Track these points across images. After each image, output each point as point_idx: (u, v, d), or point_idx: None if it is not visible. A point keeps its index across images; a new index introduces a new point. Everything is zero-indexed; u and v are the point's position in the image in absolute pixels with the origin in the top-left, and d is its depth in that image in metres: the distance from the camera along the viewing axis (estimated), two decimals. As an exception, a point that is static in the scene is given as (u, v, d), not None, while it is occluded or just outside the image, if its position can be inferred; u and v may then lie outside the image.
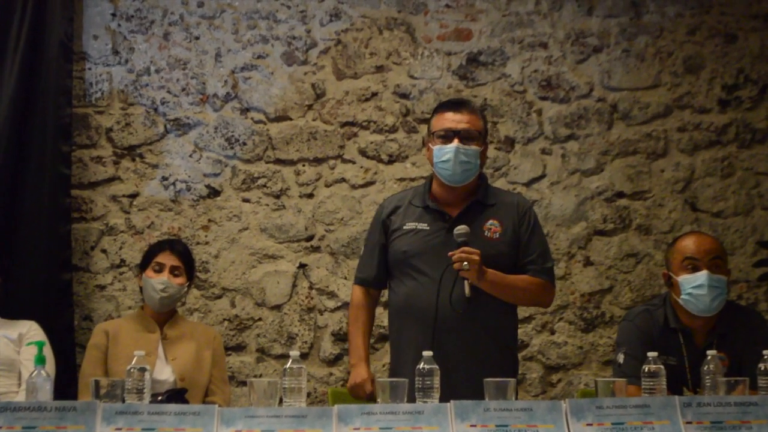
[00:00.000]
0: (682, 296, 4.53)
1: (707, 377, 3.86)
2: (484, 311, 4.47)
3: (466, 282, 4.35)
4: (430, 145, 4.64)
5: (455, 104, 4.72)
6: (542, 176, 6.22)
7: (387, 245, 4.70)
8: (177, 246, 5.23)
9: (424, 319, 4.47)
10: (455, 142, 4.54)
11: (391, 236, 4.68)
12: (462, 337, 4.45)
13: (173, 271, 5.07)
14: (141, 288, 5.18)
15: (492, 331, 4.54)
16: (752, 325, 4.66)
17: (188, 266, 5.17)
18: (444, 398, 3.64)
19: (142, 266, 5.13)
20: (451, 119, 4.60)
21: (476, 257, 4.33)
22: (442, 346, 4.35)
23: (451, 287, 4.42)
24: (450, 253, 4.36)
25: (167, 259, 5.07)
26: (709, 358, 3.89)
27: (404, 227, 4.64)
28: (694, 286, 4.50)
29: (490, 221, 4.59)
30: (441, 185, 4.64)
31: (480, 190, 4.68)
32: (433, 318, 4.44)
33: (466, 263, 4.30)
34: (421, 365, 3.65)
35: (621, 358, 4.62)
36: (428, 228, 4.60)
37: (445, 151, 4.54)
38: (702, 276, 4.50)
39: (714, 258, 4.56)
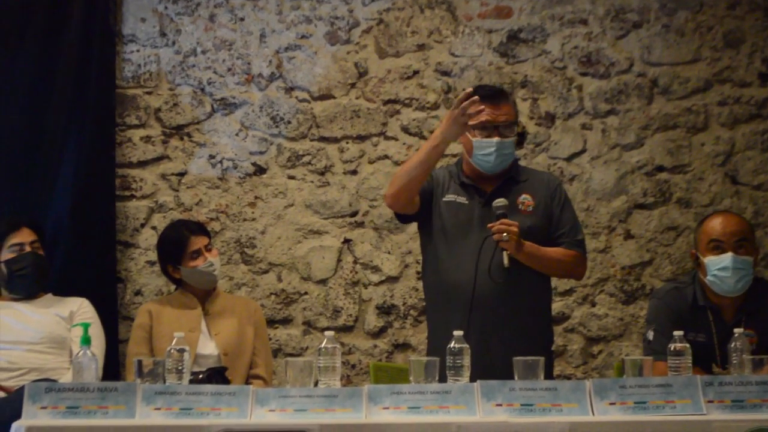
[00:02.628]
0: (708, 277, 4.61)
1: (734, 355, 3.94)
2: (522, 283, 4.56)
3: (505, 253, 4.45)
4: (468, 136, 4.66)
5: (492, 96, 4.71)
6: (583, 151, 6.28)
7: (430, 212, 4.75)
8: (198, 226, 5.39)
9: (463, 291, 4.55)
10: (496, 137, 4.62)
11: (432, 206, 4.74)
12: (499, 309, 4.54)
13: (206, 248, 5.22)
14: (177, 280, 5.28)
15: (529, 303, 4.64)
16: None
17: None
18: (481, 369, 3.76)
19: (174, 260, 5.22)
20: (490, 113, 4.62)
21: (515, 228, 4.43)
22: (481, 317, 4.49)
23: (490, 258, 4.51)
24: (489, 225, 4.47)
25: (198, 242, 5.19)
26: (736, 335, 3.96)
27: (444, 199, 4.73)
28: (719, 268, 4.57)
29: (523, 195, 4.70)
30: (474, 169, 4.74)
31: (512, 168, 4.78)
32: (471, 288, 4.53)
33: (505, 234, 4.41)
34: (452, 344, 3.76)
35: (651, 335, 4.70)
36: (467, 203, 4.70)
37: (486, 145, 4.62)
38: (727, 258, 4.57)
39: (740, 240, 4.62)
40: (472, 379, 3.72)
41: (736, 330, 4.00)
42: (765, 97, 6.28)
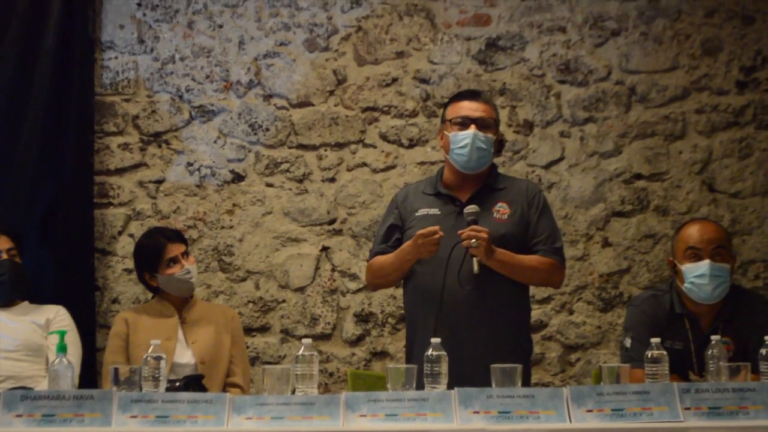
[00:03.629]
0: (685, 284, 4.62)
1: (711, 362, 3.94)
2: (493, 290, 4.56)
3: (474, 259, 4.43)
4: (445, 132, 4.72)
5: (471, 94, 4.84)
6: (561, 159, 6.29)
7: (402, 235, 4.77)
8: (175, 233, 5.35)
9: (432, 299, 4.55)
10: (472, 129, 4.64)
11: (405, 226, 4.76)
12: (469, 315, 4.54)
13: (183, 255, 5.20)
14: (154, 287, 5.23)
15: (501, 311, 4.62)
16: (757, 309, 4.71)
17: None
18: (455, 378, 3.75)
19: (151, 267, 5.17)
20: (468, 107, 4.70)
21: (485, 234, 4.41)
22: (449, 323, 4.49)
23: (460, 264, 4.50)
24: (459, 232, 4.46)
25: (174, 249, 5.15)
26: (713, 343, 3.96)
27: (416, 214, 4.73)
28: (696, 275, 4.58)
29: (499, 204, 4.70)
30: (454, 172, 4.74)
31: (490, 176, 4.79)
32: (439, 294, 4.52)
33: (474, 240, 4.39)
34: (430, 351, 3.74)
35: (628, 342, 4.71)
36: (439, 212, 4.70)
37: (462, 137, 4.64)
38: (704, 266, 4.58)
39: (716, 247, 4.62)
40: (445, 385, 3.73)
41: (713, 337, 4.01)
42: (742, 105, 6.30)
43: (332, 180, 6.26)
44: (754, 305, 4.76)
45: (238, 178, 6.24)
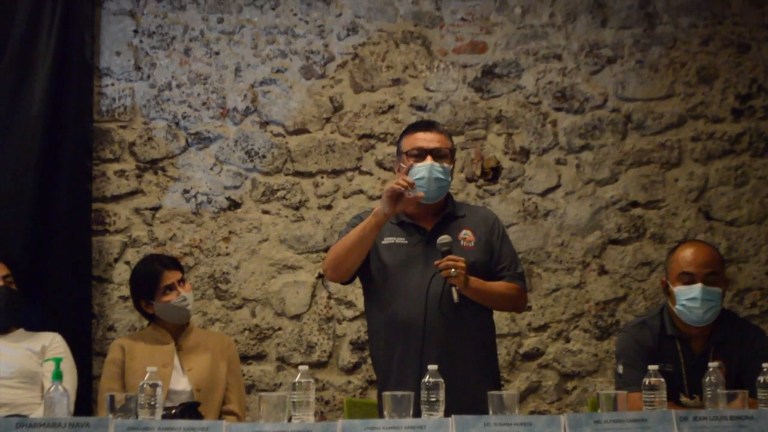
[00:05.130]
0: (677, 306, 4.66)
1: (708, 389, 3.94)
2: (470, 318, 4.60)
3: (453, 288, 4.45)
4: (402, 164, 4.74)
5: (426, 125, 4.87)
6: (557, 186, 6.29)
7: (368, 256, 4.74)
8: (171, 260, 5.34)
9: (413, 329, 4.55)
10: (429, 160, 4.65)
11: (369, 254, 4.72)
12: (451, 342, 4.56)
13: (179, 282, 5.19)
14: (150, 315, 5.22)
15: (478, 337, 4.67)
16: (750, 335, 4.76)
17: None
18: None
19: (147, 294, 5.16)
20: (423, 138, 4.73)
21: (462, 264, 4.44)
22: (434, 351, 4.48)
23: (440, 294, 4.52)
24: (436, 262, 4.47)
25: (171, 276, 5.15)
26: (710, 369, 3.97)
27: (382, 242, 4.73)
28: (689, 299, 4.62)
29: (464, 231, 4.73)
30: (413, 202, 4.71)
31: (449, 204, 4.82)
32: (422, 324, 4.52)
33: (453, 270, 4.41)
34: (427, 379, 3.75)
35: (621, 368, 4.75)
36: (406, 242, 4.71)
37: (419, 169, 4.65)
38: (696, 289, 4.61)
39: (710, 273, 4.64)
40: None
41: (710, 364, 4.01)
42: (738, 132, 6.32)
43: (329, 207, 6.26)
44: (745, 331, 4.81)
45: (234, 205, 6.24)
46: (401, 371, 4.50)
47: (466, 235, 4.71)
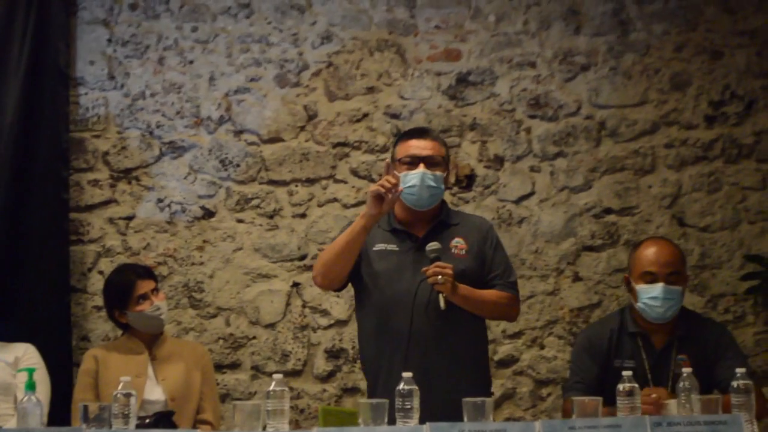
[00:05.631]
0: (639, 303, 4.75)
1: (682, 395, 3.96)
2: (458, 325, 4.58)
3: (441, 295, 4.44)
4: (395, 172, 4.69)
5: (419, 132, 4.87)
6: (531, 193, 6.30)
7: (360, 261, 4.74)
8: (144, 269, 5.31)
9: (399, 335, 4.55)
10: (421, 168, 4.64)
11: (361, 257, 4.72)
12: (438, 351, 4.55)
13: (153, 292, 5.17)
14: (124, 324, 5.19)
15: (466, 345, 4.66)
16: (713, 330, 4.88)
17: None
18: (425, 413, 3.74)
19: (120, 304, 5.13)
20: (416, 146, 4.73)
21: (449, 270, 4.43)
22: (418, 358, 4.48)
23: (427, 300, 4.53)
24: (424, 269, 4.46)
25: (144, 286, 5.13)
26: (684, 375, 3.99)
27: (373, 249, 4.73)
28: (650, 297, 4.71)
29: (456, 239, 4.72)
30: (405, 209, 4.75)
31: (442, 211, 4.82)
32: (407, 333, 4.52)
33: (440, 277, 4.41)
34: (401, 386, 3.74)
35: (569, 373, 4.91)
36: (397, 249, 4.71)
37: (411, 177, 4.64)
38: (658, 288, 4.70)
39: (671, 273, 4.73)
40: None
41: (684, 369, 4.03)
42: (711, 139, 6.34)
43: (303, 216, 6.25)
44: (706, 326, 4.92)
45: (208, 214, 6.23)
46: (388, 378, 4.46)
47: (458, 243, 4.71)
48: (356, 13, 6.38)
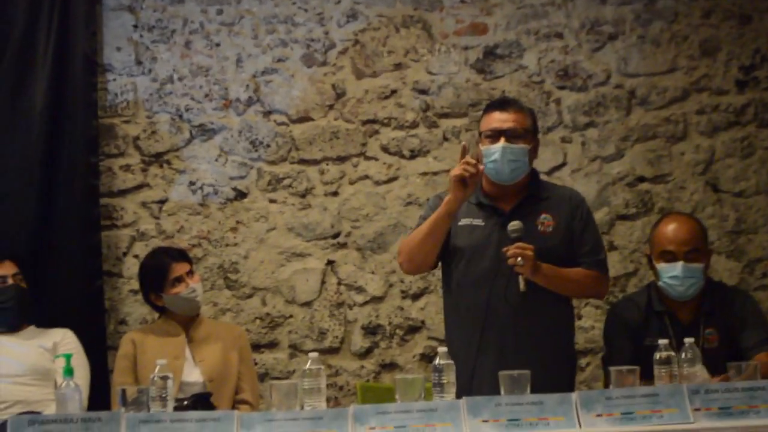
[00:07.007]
0: (660, 282, 4.75)
1: (685, 365, 3.93)
2: (538, 307, 4.49)
3: (520, 277, 4.38)
4: (480, 145, 4.65)
5: (501, 104, 4.75)
6: (563, 164, 6.28)
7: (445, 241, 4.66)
8: (179, 252, 5.36)
9: (475, 316, 4.52)
10: (502, 142, 4.55)
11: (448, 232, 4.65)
12: (516, 334, 4.49)
13: (188, 274, 5.20)
14: (160, 307, 5.24)
15: (547, 328, 4.56)
16: (737, 300, 4.86)
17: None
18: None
19: (156, 287, 5.18)
20: (498, 119, 4.62)
21: (530, 252, 4.35)
22: (495, 343, 4.47)
23: (506, 282, 4.46)
24: (504, 249, 4.40)
25: (179, 268, 5.17)
26: (686, 345, 3.96)
27: (459, 223, 4.64)
28: (670, 276, 4.70)
29: (543, 215, 4.62)
30: (492, 182, 4.66)
31: (532, 184, 4.73)
32: (484, 313, 4.49)
33: (520, 259, 4.34)
34: (437, 361, 3.75)
35: (605, 352, 4.95)
36: (483, 224, 4.63)
37: (493, 151, 4.56)
38: (677, 267, 4.68)
39: (690, 251, 4.70)
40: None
41: (686, 339, 4.03)
42: (743, 104, 6.30)
43: (335, 194, 6.25)
44: (732, 297, 4.89)
45: (240, 195, 6.24)
46: (467, 358, 4.41)
47: (545, 220, 4.61)
48: (381, -10, 6.38)
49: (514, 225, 4.43)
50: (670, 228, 4.77)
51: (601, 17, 6.35)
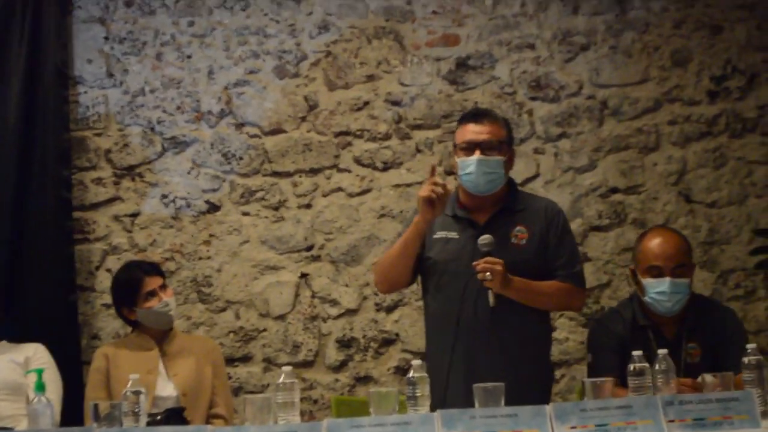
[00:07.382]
0: (646, 297, 4.69)
1: (659, 377, 3.91)
2: (511, 321, 4.46)
3: (490, 291, 4.34)
4: (455, 157, 4.64)
5: (475, 115, 4.72)
6: (536, 176, 6.28)
7: (421, 254, 4.67)
8: (151, 266, 5.33)
9: (448, 328, 4.50)
10: (477, 154, 4.53)
11: (422, 246, 4.64)
12: (489, 348, 4.46)
13: (161, 288, 5.16)
14: (133, 321, 5.20)
15: (519, 342, 4.52)
16: (721, 317, 4.81)
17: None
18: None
19: (128, 301, 5.14)
20: (472, 131, 4.60)
21: (499, 267, 4.32)
22: (464, 355, 4.46)
23: (476, 295, 4.44)
24: (474, 264, 4.37)
25: (152, 282, 5.13)
26: (660, 357, 3.92)
27: (434, 236, 4.64)
28: (657, 291, 4.65)
29: (518, 227, 4.60)
30: (468, 194, 4.65)
31: (509, 196, 4.71)
32: (455, 326, 4.48)
33: (488, 273, 4.31)
34: (411, 374, 3.73)
35: (590, 358, 4.82)
36: (457, 237, 4.61)
37: (468, 163, 4.55)
38: (664, 283, 4.63)
39: (677, 266, 4.66)
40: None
41: (660, 351, 3.94)
42: (714, 114, 6.32)
43: (308, 206, 6.24)
44: (716, 312, 4.84)
45: (213, 208, 6.22)
46: (439, 372, 4.39)
47: (519, 232, 4.59)
48: (352, 2, 6.36)
49: (485, 239, 4.40)
50: (656, 243, 4.71)
51: (573, 28, 6.36)
